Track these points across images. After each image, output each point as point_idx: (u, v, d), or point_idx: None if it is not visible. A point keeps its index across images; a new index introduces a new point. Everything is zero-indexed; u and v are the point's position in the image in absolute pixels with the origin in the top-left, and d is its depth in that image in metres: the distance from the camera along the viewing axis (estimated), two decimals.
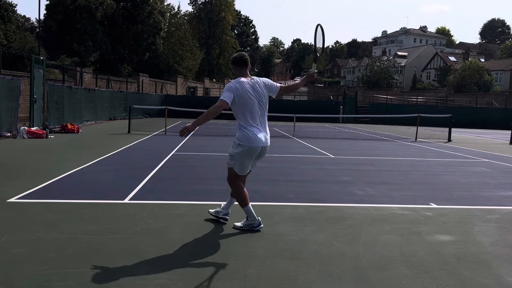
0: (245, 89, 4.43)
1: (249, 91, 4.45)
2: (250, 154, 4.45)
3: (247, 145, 4.39)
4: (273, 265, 3.70)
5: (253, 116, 4.45)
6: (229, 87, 4.46)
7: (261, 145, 4.45)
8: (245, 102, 4.42)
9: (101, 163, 9.15)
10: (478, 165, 11.08)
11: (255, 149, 4.43)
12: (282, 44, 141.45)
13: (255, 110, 4.46)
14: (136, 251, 3.91)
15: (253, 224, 4.59)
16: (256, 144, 4.41)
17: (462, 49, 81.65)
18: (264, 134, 4.50)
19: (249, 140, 4.39)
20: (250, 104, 4.43)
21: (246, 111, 4.44)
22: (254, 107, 4.46)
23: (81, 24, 34.22)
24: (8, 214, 5.00)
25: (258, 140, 4.41)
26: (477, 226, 5.19)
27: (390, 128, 28.36)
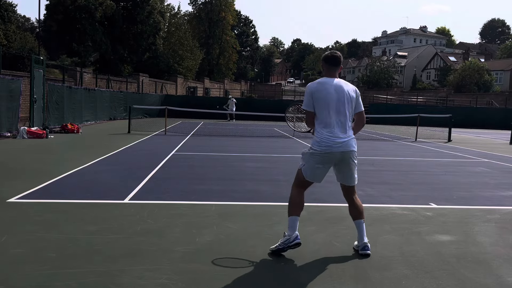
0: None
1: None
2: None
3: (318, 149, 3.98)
4: (273, 265, 3.70)
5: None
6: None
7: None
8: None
9: (101, 163, 9.15)
10: (478, 165, 11.08)
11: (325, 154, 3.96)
12: (282, 44, 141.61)
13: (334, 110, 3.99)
14: (136, 251, 3.91)
15: (288, 238, 3.91)
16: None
17: (462, 49, 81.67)
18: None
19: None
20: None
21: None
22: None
23: (81, 24, 34.22)
24: (8, 214, 5.00)
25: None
26: (477, 226, 5.19)
27: (390, 128, 28.36)
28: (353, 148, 4.00)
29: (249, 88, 66.93)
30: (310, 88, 4.04)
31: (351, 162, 4.02)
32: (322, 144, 3.93)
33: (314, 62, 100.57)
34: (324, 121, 3.96)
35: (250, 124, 27.63)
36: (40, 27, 31.26)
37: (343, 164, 4.01)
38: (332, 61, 4.09)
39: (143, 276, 3.36)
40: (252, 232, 4.62)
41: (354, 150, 4.01)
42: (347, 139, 3.96)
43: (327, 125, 3.95)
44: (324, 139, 3.93)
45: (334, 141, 3.91)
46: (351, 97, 4.02)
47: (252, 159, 10.87)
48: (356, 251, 4.05)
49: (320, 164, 3.98)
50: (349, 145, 3.97)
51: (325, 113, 3.95)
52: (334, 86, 3.99)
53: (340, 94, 3.97)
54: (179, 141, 14.39)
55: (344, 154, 3.96)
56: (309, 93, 4.03)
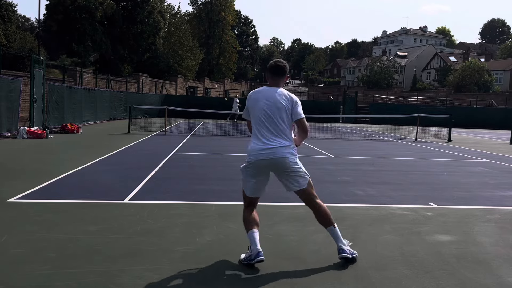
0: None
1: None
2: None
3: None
4: (273, 265, 3.70)
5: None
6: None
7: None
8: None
9: (101, 163, 9.15)
10: (478, 165, 11.08)
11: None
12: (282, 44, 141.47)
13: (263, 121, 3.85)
14: (136, 251, 3.91)
15: (250, 255, 3.67)
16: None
17: (462, 49, 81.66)
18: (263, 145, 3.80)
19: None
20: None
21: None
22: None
23: (81, 24, 34.22)
24: (8, 214, 5.00)
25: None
26: (477, 226, 5.19)
27: (390, 128, 28.35)
28: (283, 155, 3.71)
29: (249, 88, 66.91)
30: (248, 97, 3.99)
31: (287, 169, 3.75)
32: (250, 154, 3.77)
33: (314, 62, 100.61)
34: (255, 130, 3.81)
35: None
36: (40, 27, 31.27)
37: (278, 172, 3.80)
38: (275, 70, 3.91)
39: (143, 276, 3.36)
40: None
41: (284, 157, 3.72)
42: (274, 146, 3.70)
43: (257, 135, 3.78)
44: (252, 148, 3.77)
45: (261, 148, 3.71)
46: (284, 106, 3.77)
47: None
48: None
49: (252, 177, 3.80)
50: (278, 152, 3.70)
51: (255, 123, 3.81)
52: (268, 95, 3.80)
53: (271, 103, 3.76)
54: (179, 141, 14.39)
55: (273, 161, 3.71)
56: (247, 101, 3.99)
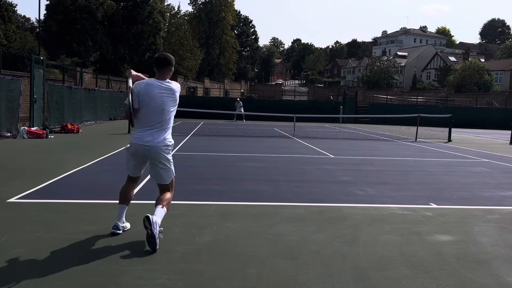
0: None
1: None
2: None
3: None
4: (273, 265, 3.70)
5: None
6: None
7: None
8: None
9: (101, 163, 9.15)
10: (478, 165, 11.08)
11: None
12: (282, 44, 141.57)
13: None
14: (136, 251, 3.91)
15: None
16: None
17: (462, 49, 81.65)
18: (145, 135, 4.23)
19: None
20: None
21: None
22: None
23: (81, 24, 34.22)
24: (8, 214, 5.00)
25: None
26: (477, 226, 5.19)
27: (390, 128, 28.35)
28: (159, 143, 4.15)
29: (249, 88, 66.95)
30: (137, 87, 4.18)
31: (160, 162, 4.21)
32: (134, 141, 4.19)
33: (314, 62, 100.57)
34: (142, 121, 4.17)
35: (250, 124, 27.63)
36: (40, 27, 31.23)
37: (153, 163, 4.24)
38: (159, 62, 4.23)
39: (143, 276, 3.36)
40: (252, 232, 4.62)
41: (160, 146, 4.15)
42: (156, 138, 4.15)
43: (143, 125, 4.17)
44: (138, 136, 4.18)
45: (144, 139, 4.14)
46: (168, 99, 4.17)
47: (252, 159, 10.87)
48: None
49: (133, 160, 4.30)
50: (157, 141, 4.15)
51: (143, 113, 4.15)
52: (158, 87, 4.15)
53: (159, 96, 4.13)
54: (179, 141, 14.39)
55: (151, 149, 4.15)
56: (136, 92, 4.17)
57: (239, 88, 61.10)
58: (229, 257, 3.85)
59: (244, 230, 4.67)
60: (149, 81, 4.24)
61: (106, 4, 35.56)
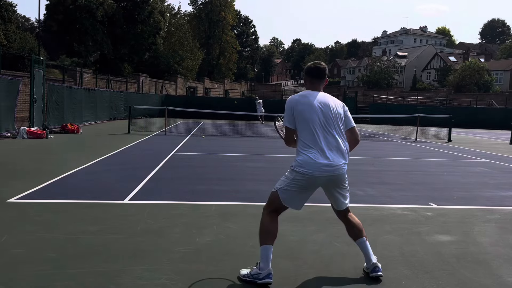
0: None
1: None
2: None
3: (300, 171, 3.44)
4: (273, 265, 3.70)
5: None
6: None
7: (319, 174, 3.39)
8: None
9: (101, 163, 9.15)
10: (478, 165, 11.08)
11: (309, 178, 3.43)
12: (282, 44, 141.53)
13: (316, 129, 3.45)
14: (136, 251, 3.91)
15: (259, 274, 3.34)
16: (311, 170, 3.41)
17: (462, 49, 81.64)
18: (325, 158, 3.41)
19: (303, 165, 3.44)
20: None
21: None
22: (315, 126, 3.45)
23: (82, 24, 34.22)
24: (8, 214, 5.00)
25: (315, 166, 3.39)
26: (477, 226, 5.19)
27: (390, 128, 28.35)
28: (342, 171, 3.45)
29: (249, 88, 66.92)
30: (291, 102, 3.50)
31: (341, 186, 3.51)
32: (305, 167, 3.39)
33: None
34: (308, 140, 3.43)
35: (250, 124, 27.63)
36: (40, 27, 31.24)
37: (331, 188, 3.52)
38: (315, 74, 3.59)
39: (143, 276, 3.36)
40: (252, 232, 4.61)
41: (343, 174, 3.46)
42: (335, 162, 3.39)
43: (311, 145, 3.42)
44: (308, 161, 3.39)
45: (320, 163, 3.36)
46: (338, 113, 3.49)
47: (252, 159, 10.87)
48: (366, 273, 3.54)
49: (302, 189, 3.45)
50: (337, 168, 3.40)
51: (308, 131, 3.42)
52: (318, 100, 3.46)
53: (326, 109, 3.44)
54: (179, 141, 14.39)
55: (332, 178, 3.42)
56: (290, 107, 3.49)
57: (239, 88, 61.06)
58: (229, 257, 3.85)
59: (244, 230, 4.67)
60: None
61: (106, 3, 35.56)
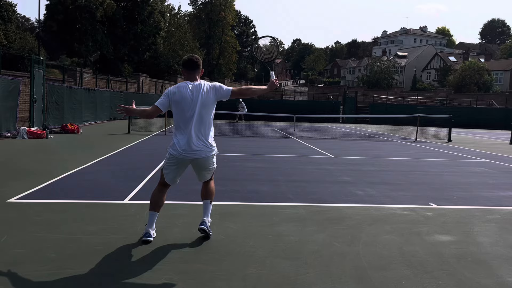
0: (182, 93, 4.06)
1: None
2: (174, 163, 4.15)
3: (171, 152, 4.11)
4: (273, 265, 3.70)
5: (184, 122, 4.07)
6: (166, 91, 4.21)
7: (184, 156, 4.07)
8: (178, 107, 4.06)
9: (101, 163, 9.14)
10: (478, 165, 11.07)
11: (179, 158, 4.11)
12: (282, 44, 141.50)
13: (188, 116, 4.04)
14: (136, 251, 3.91)
15: (143, 234, 4.20)
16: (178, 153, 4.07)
17: (462, 49, 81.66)
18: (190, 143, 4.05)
19: (173, 147, 4.10)
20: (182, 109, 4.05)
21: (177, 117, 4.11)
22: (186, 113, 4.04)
23: (82, 24, 34.23)
24: (8, 214, 4.99)
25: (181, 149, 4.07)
26: (477, 226, 5.19)
27: (390, 128, 28.35)
28: (206, 154, 4.13)
29: None
30: (168, 91, 4.13)
31: (205, 166, 4.21)
32: (175, 149, 4.05)
33: (314, 62, 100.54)
34: (179, 126, 4.06)
35: (250, 124, 27.63)
36: (40, 27, 31.25)
37: (199, 168, 4.24)
38: (188, 65, 4.15)
39: (143, 276, 3.36)
40: (252, 232, 4.61)
41: (207, 156, 4.15)
42: (199, 146, 4.06)
43: (181, 130, 4.05)
44: (178, 144, 4.04)
45: (187, 147, 4.02)
46: (208, 98, 4.04)
47: (252, 159, 10.87)
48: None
49: (173, 167, 4.14)
50: (202, 152, 4.09)
51: (179, 117, 4.04)
52: (191, 89, 4.04)
53: (195, 98, 4.01)
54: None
55: (197, 161, 4.12)
56: (166, 94, 4.10)
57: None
58: (229, 257, 3.85)
59: (244, 230, 4.67)
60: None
61: (106, 3, 35.57)
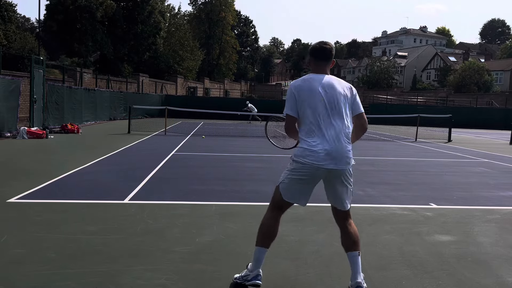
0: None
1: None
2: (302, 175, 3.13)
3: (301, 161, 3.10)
4: (273, 265, 3.70)
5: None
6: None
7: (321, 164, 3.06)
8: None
9: (101, 163, 9.14)
10: (478, 165, 11.07)
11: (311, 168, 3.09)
12: (282, 44, 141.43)
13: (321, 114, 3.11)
14: (136, 251, 3.91)
15: (248, 276, 3.22)
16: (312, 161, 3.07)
17: (462, 49, 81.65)
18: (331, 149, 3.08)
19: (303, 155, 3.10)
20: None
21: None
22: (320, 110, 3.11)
23: (82, 24, 34.23)
24: (8, 214, 5.00)
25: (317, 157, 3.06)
26: (477, 226, 5.19)
27: (390, 128, 28.35)
28: (348, 165, 3.15)
29: (249, 88, 66.93)
30: (293, 87, 3.16)
31: (344, 181, 3.18)
32: (307, 157, 3.06)
33: None
34: (311, 128, 3.08)
35: (250, 124, 27.62)
36: (40, 27, 31.26)
37: (334, 183, 3.17)
38: (320, 54, 3.22)
39: (143, 276, 3.36)
40: (252, 232, 4.60)
41: (348, 168, 3.16)
42: (341, 152, 3.08)
43: (314, 133, 3.07)
44: (310, 150, 3.05)
45: (323, 153, 3.03)
46: (346, 97, 3.16)
47: (252, 159, 10.87)
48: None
49: (302, 181, 3.13)
50: (343, 160, 3.10)
51: (311, 118, 3.08)
52: (323, 83, 3.12)
53: (332, 93, 3.10)
54: (179, 141, 14.39)
55: (336, 172, 3.10)
56: (292, 93, 3.14)
57: (239, 88, 61.07)
58: (229, 257, 3.85)
59: (244, 230, 4.67)
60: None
61: (106, 4, 35.57)
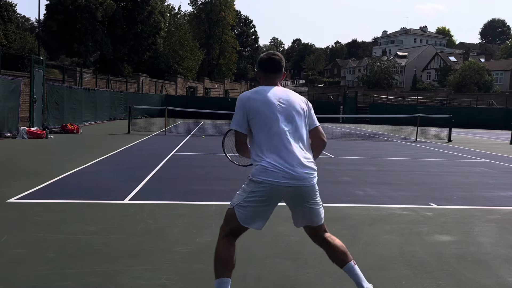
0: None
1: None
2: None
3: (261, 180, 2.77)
4: (273, 265, 3.70)
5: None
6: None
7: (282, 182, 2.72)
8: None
9: (101, 163, 9.14)
10: (478, 165, 11.07)
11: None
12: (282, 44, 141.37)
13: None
14: (136, 251, 3.91)
15: None
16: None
17: (462, 49, 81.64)
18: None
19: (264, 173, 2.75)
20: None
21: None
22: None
23: (82, 24, 34.24)
24: (8, 214, 5.00)
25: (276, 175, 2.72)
26: (477, 226, 5.19)
27: (390, 128, 28.35)
28: (311, 181, 2.80)
29: (249, 88, 66.79)
30: (244, 99, 2.84)
31: (311, 200, 2.83)
32: (264, 176, 2.70)
33: (314, 62, 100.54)
34: (266, 145, 2.74)
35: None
36: (40, 27, 31.26)
37: (299, 201, 2.83)
38: (269, 67, 2.92)
39: (143, 276, 3.36)
40: (252, 232, 4.60)
41: (312, 185, 2.81)
42: (301, 171, 2.73)
43: (271, 149, 2.72)
44: (267, 168, 2.70)
45: (282, 172, 2.69)
46: (304, 110, 2.87)
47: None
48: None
49: (262, 203, 2.79)
50: (304, 176, 2.74)
51: (266, 134, 2.74)
52: (278, 96, 2.82)
53: (288, 107, 2.81)
54: (179, 141, 14.39)
55: (298, 191, 2.75)
56: (241, 106, 2.81)
57: (239, 88, 61.06)
58: None
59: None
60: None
61: (106, 4, 35.57)
